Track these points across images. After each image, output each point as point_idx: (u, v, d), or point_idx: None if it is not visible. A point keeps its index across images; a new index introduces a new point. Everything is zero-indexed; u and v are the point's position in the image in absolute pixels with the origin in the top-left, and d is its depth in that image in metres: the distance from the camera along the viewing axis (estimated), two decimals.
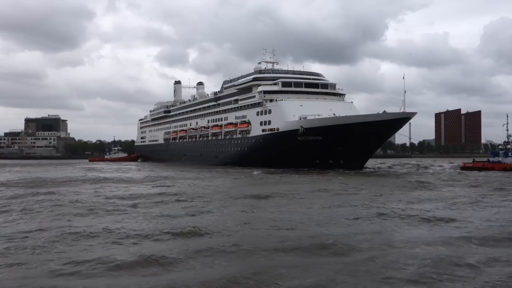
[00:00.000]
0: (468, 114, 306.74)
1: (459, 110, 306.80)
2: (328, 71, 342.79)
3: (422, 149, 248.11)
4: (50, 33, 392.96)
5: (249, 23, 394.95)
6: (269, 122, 69.52)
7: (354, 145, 57.18)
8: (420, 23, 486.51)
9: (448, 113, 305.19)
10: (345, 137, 56.73)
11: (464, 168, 66.31)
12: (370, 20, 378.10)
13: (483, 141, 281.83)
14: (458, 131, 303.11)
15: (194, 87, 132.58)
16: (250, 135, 74.71)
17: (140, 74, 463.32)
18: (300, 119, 62.22)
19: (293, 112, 64.74)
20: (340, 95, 75.91)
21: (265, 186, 36.09)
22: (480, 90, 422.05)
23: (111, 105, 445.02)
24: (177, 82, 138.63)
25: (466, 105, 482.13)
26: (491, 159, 66.50)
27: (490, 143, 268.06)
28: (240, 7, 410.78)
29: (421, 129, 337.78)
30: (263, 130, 70.63)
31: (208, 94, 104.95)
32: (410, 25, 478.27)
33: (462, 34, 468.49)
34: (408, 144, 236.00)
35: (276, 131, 67.16)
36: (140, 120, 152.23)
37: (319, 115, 60.60)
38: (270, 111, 69.89)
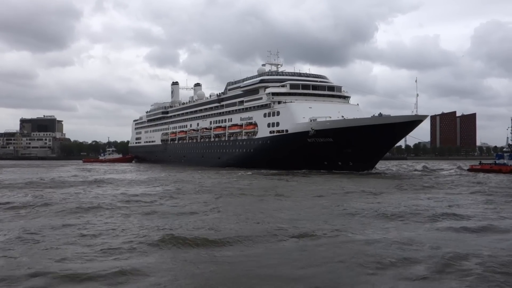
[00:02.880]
0: (463, 116, 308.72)
1: (454, 112, 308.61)
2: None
3: (417, 151, 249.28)
4: (37, 33, 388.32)
5: (238, 24, 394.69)
6: (277, 124, 69.53)
7: (364, 147, 57.31)
8: (409, 26, 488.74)
9: (443, 115, 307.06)
10: (356, 139, 56.89)
11: (471, 170, 66.87)
12: (359, 21, 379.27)
13: (478, 143, 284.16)
14: (454, 133, 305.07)
15: (192, 88, 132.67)
16: (257, 136, 74.65)
17: (131, 74, 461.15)
18: (311, 121, 62.36)
19: (302, 114, 64.91)
20: (345, 97, 76.30)
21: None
22: (472, 93, 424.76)
23: (103, 106, 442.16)
24: (175, 83, 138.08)
25: (458, 108, 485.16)
26: (497, 161, 67.15)
27: (485, 146, 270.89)
28: (228, 7, 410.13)
29: (416, 131, 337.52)
30: (270, 132, 70.61)
31: (210, 96, 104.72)
32: (399, 27, 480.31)
33: (452, 37, 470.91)
34: (403, 146, 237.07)
35: (285, 132, 67.20)
36: (134, 121, 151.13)
37: (330, 117, 60.86)
38: (278, 113, 69.92)
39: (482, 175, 57.23)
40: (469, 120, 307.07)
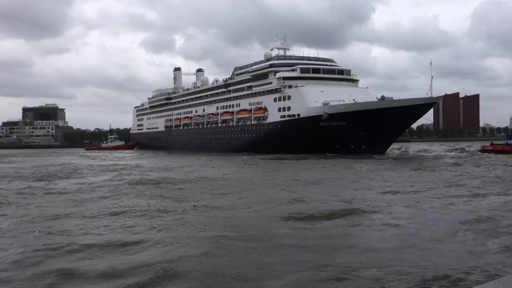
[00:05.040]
0: (466, 98, 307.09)
1: (457, 94, 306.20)
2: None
3: (420, 133, 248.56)
4: (30, 20, 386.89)
5: (233, 8, 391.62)
6: (289, 108, 69.24)
7: (378, 130, 57.24)
8: (406, 6, 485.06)
9: (446, 97, 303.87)
10: (369, 122, 56.77)
11: (483, 151, 66.75)
12: (356, 3, 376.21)
13: (481, 124, 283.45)
14: (457, 115, 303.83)
15: (194, 73, 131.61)
16: (267, 121, 74.42)
17: (128, 61, 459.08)
18: (323, 104, 62.15)
19: (314, 98, 64.67)
20: (354, 80, 75.95)
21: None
22: (473, 73, 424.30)
23: (103, 93, 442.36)
24: (177, 69, 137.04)
25: (459, 89, 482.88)
26: (508, 141, 67.20)
27: (489, 127, 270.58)
28: None
29: None
30: (281, 116, 70.38)
31: (216, 81, 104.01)
32: (397, 8, 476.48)
33: (451, 17, 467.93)
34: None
35: (296, 117, 67.00)
36: (136, 107, 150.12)
37: (343, 100, 60.68)
38: (289, 97, 69.57)
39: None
40: (472, 101, 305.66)
